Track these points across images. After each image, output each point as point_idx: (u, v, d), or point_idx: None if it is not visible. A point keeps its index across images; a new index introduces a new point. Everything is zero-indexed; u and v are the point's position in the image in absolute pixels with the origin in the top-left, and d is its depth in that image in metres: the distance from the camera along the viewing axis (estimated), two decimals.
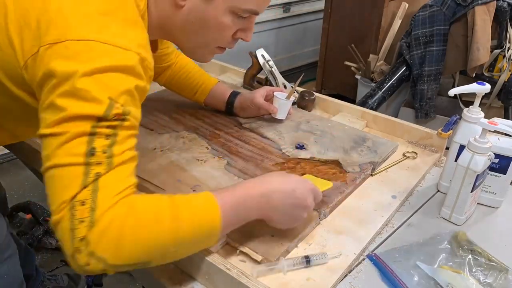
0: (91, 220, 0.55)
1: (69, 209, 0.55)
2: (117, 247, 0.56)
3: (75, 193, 0.56)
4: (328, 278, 0.70)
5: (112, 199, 0.57)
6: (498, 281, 0.72)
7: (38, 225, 1.75)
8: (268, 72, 1.29)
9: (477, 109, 0.89)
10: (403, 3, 2.46)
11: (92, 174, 0.57)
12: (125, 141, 0.61)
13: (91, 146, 0.57)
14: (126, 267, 0.58)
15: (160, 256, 0.61)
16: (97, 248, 0.55)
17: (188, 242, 0.62)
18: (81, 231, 0.55)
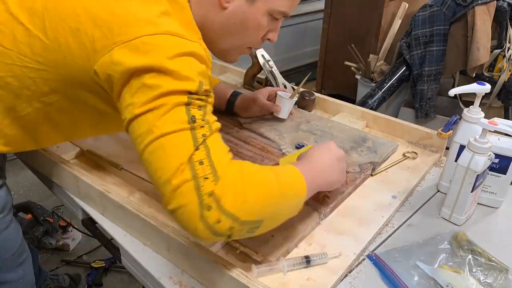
0: (215, 176, 0.57)
1: (189, 169, 0.57)
2: (243, 200, 0.58)
3: (190, 154, 0.58)
4: (328, 278, 0.70)
5: (225, 156, 0.62)
6: (498, 281, 0.72)
7: (38, 225, 1.75)
8: (268, 72, 1.29)
9: (477, 109, 0.89)
10: (403, 3, 2.46)
11: (200, 136, 0.60)
12: (212, 114, 0.65)
13: (191, 114, 0.61)
14: (248, 226, 0.60)
15: (271, 214, 0.63)
16: (226, 202, 0.57)
17: (289, 204, 0.67)
18: (208, 187, 0.57)
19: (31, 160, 1.01)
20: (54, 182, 0.97)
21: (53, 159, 0.91)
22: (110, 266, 1.70)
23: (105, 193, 0.82)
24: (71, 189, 0.92)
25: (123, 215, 0.80)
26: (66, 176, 0.90)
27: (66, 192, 0.94)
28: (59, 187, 0.96)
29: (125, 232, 0.82)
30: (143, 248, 0.78)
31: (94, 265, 1.68)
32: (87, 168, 0.96)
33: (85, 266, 1.71)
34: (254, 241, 0.74)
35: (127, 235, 0.81)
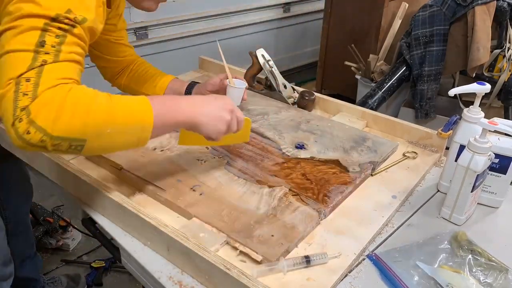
0: (33, 94, 0.62)
1: (14, 84, 0.62)
2: (56, 118, 0.62)
3: (22, 72, 0.62)
4: (328, 278, 0.70)
5: (55, 81, 0.64)
6: (498, 281, 0.72)
7: (38, 225, 1.75)
8: (268, 72, 1.29)
9: (477, 109, 0.89)
10: (403, 3, 2.46)
11: (39, 60, 0.63)
12: (73, 45, 0.68)
13: (42, 39, 0.64)
14: (63, 141, 0.64)
15: (95, 135, 0.66)
16: (37, 117, 0.61)
17: (122, 127, 0.69)
18: (24, 102, 0.61)
19: (31, 160, 1.01)
20: (54, 182, 0.97)
21: (53, 159, 0.91)
22: (110, 266, 1.70)
23: (105, 193, 0.82)
24: (71, 189, 0.92)
25: (123, 215, 0.80)
26: (66, 176, 0.90)
27: (66, 192, 0.94)
28: (59, 187, 0.95)
29: (125, 232, 0.82)
30: (143, 248, 0.78)
31: (94, 265, 1.68)
32: (87, 168, 0.96)
33: (85, 266, 1.71)
34: (254, 241, 0.74)
35: (127, 235, 0.81)
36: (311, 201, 0.85)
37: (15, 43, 0.64)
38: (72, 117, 0.63)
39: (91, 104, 0.65)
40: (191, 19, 2.49)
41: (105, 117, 0.67)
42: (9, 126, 0.62)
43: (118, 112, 0.68)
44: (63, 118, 0.63)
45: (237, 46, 2.77)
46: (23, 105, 0.61)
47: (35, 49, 0.64)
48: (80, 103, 0.64)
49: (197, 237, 0.75)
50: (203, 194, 0.86)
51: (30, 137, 0.62)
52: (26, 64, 0.63)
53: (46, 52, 0.64)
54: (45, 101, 0.62)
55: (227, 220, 0.79)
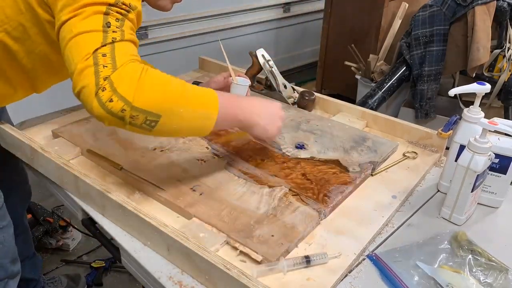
0: (113, 66, 0.67)
1: (92, 58, 0.67)
2: (137, 89, 0.67)
3: (96, 47, 0.68)
4: (328, 278, 0.70)
5: (129, 56, 0.70)
6: (498, 281, 0.72)
7: (38, 225, 1.75)
8: (268, 72, 1.29)
9: (477, 109, 0.89)
10: (403, 3, 2.46)
11: (109, 38, 0.69)
12: (129, 29, 0.74)
13: (107, 21, 0.71)
14: (141, 114, 0.68)
15: (169, 112, 0.71)
16: (119, 86, 0.66)
17: (192, 110, 0.74)
18: (105, 72, 0.66)
19: (31, 160, 1.01)
20: (54, 182, 0.97)
21: (53, 159, 0.91)
22: (110, 266, 1.70)
23: (105, 193, 0.82)
24: (71, 189, 0.92)
25: (123, 215, 0.80)
26: (66, 176, 0.90)
27: (66, 192, 0.94)
28: (59, 187, 0.96)
29: (125, 232, 0.82)
30: (143, 248, 0.78)
31: (94, 265, 1.68)
32: (87, 168, 0.96)
33: (85, 266, 1.71)
34: (254, 241, 0.74)
35: (127, 235, 0.81)
36: (311, 201, 0.85)
37: (83, 26, 0.69)
38: (152, 91, 0.68)
39: (168, 83, 0.71)
40: (191, 19, 2.49)
41: (179, 97, 0.72)
42: (92, 97, 0.67)
43: (191, 96, 0.74)
44: (144, 90, 0.67)
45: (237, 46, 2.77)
46: (106, 75, 0.66)
47: (103, 29, 0.70)
48: (159, 81, 0.70)
49: (197, 237, 0.75)
50: (203, 194, 0.86)
51: (112, 105, 0.66)
52: (99, 41, 0.68)
53: (114, 31, 0.70)
54: (126, 73, 0.67)
55: (227, 220, 0.79)
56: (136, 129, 0.71)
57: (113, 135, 1.05)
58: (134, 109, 0.67)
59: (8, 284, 1.01)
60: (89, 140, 1.03)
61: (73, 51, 0.69)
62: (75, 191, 0.91)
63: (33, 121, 1.15)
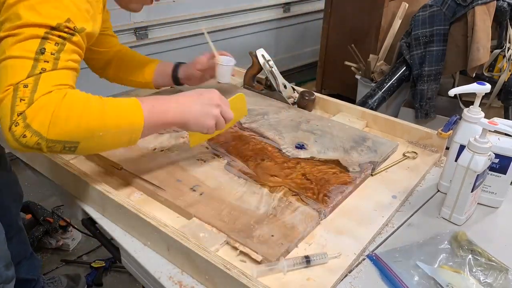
0: (30, 99, 0.66)
1: (13, 89, 0.66)
2: (51, 122, 0.67)
3: (21, 79, 0.66)
4: (328, 278, 0.70)
5: (51, 87, 0.68)
6: (498, 281, 0.72)
7: (38, 225, 1.75)
8: (268, 72, 1.29)
9: (477, 109, 0.89)
10: (403, 3, 2.46)
11: (38, 68, 0.67)
12: (71, 53, 0.72)
13: (42, 46, 0.68)
14: (58, 144, 0.68)
15: (88, 137, 0.70)
16: (32, 121, 0.66)
17: (114, 130, 0.73)
18: (21, 107, 0.66)
19: (31, 160, 1.01)
20: (54, 182, 0.97)
21: (53, 159, 0.91)
22: (110, 266, 1.70)
23: (105, 193, 0.82)
24: (71, 189, 0.92)
25: (123, 215, 0.80)
26: (66, 176, 0.90)
27: (66, 192, 0.94)
28: (59, 187, 0.95)
29: (125, 232, 0.82)
30: (143, 248, 0.78)
31: (94, 265, 1.68)
32: (87, 168, 0.96)
33: (85, 266, 1.71)
34: (254, 241, 0.74)
35: (127, 235, 0.81)
36: (311, 201, 0.85)
37: (16, 49, 0.67)
38: (66, 122, 0.68)
39: (84, 108, 0.69)
40: (191, 19, 2.49)
41: (98, 121, 0.70)
42: (6, 130, 0.66)
43: (110, 116, 0.72)
44: (57, 122, 0.67)
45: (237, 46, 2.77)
46: (20, 110, 0.65)
47: (35, 56, 0.67)
48: (74, 108, 0.68)
49: (197, 237, 0.75)
50: (203, 194, 0.86)
51: (26, 140, 0.66)
52: (26, 71, 0.67)
53: (46, 61, 0.68)
54: (41, 106, 0.66)
55: (227, 220, 0.79)
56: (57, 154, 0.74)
57: None
58: (49, 141, 0.67)
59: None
60: None
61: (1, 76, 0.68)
62: (75, 191, 0.91)
63: None
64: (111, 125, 0.72)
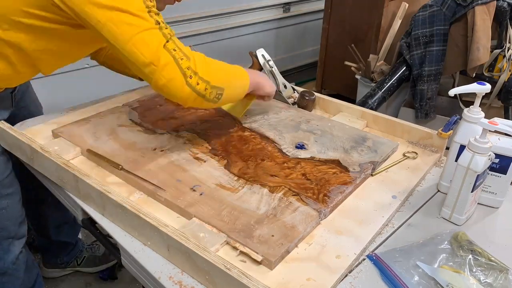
0: (187, 57, 0.85)
1: (168, 54, 0.83)
2: (209, 70, 0.88)
3: (164, 42, 0.84)
4: (328, 278, 0.70)
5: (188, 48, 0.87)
6: (498, 281, 0.72)
7: None
8: (268, 72, 1.29)
9: (477, 109, 0.89)
10: (403, 3, 2.45)
11: (166, 33, 0.85)
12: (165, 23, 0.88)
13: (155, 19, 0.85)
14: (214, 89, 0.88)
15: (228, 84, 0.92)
16: (199, 71, 0.85)
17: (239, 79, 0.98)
18: (185, 63, 0.84)
19: (31, 160, 1.01)
20: (54, 182, 0.97)
21: (53, 159, 0.91)
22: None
23: (105, 193, 0.82)
24: (71, 189, 0.92)
25: (123, 215, 0.80)
26: (66, 176, 0.90)
27: (66, 192, 0.93)
28: (59, 187, 0.95)
29: (125, 232, 0.82)
30: (143, 248, 0.78)
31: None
32: (87, 168, 0.96)
33: None
34: (254, 241, 0.74)
35: (127, 235, 0.81)
36: (311, 201, 0.85)
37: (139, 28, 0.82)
38: (217, 72, 0.90)
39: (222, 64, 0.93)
40: (191, 19, 2.49)
41: (231, 73, 0.95)
42: (182, 85, 0.84)
43: (235, 71, 0.97)
44: (212, 72, 0.88)
45: (237, 46, 2.77)
46: (187, 65, 0.84)
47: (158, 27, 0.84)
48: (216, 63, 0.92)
49: (197, 237, 0.75)
50: (203, 194, 0.86)
51: (199, 87, 0.86)
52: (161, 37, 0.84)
53: (166, 27, 0.85)
54: (198, 60, 0.86)
55: (227, 220, 0.79)
56: (209, 104, 0.90)
57: (113, 135, 1.05)
58: (212, 87, 0.87)
59: (13, 243, 1.10)
60: (89, 140, 1.02)
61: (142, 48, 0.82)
62: (75, 191, 0.91)
63: (33, 121, 1.15)
64: (237, 77, 0.97)
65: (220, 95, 0.90)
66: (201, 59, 0.87)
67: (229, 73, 0.94)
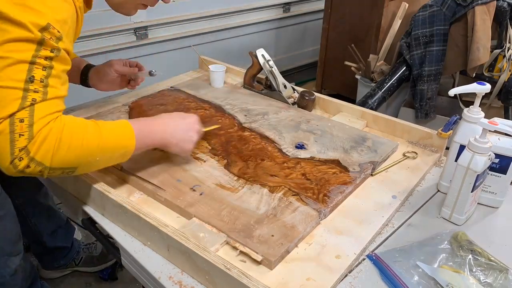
0: (30, 134, 0.66)
1: (8, 124, 0.65)
2: (54, 153, 0.69)
3: (14, 111, 0.65)
4: (328, 278, 0.70)
5: (47, 117, 0.68)
6: (498, 281, 0.72)
7: None
8: (268, 72, 1.29)
9: (477, 109, 0.89)
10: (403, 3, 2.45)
11: (29, 99, 0.67)
12: (59, 75, 0.72)
13: (31, 74, 0.67)
14: (58, 170, 0.71)
15: (86, 163, 0.74)
16: (36, 154, 0.67)
17: (109, 154, 0.77)
18: (22, 142, 0.66)
19: None
20: (54, 182, 0.97)
21: None
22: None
23: (105, 193, 0.82)
24: (71, 189, 0.92)
25: (123, 215, 0.80)
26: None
27: (66, 192, 0.93)
28: (59, 187, 0.95)
29: (125, 232, 0.82)
30: (143, 248, 0.78)
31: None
32: None
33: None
34: (254, 241, 0.74)
35: (127, 235, 0.81)
36: (311, 201, 0.85)
37: (3, 78, 0.66)
38: (68, 151, 0.70)
39: (83, 137, 0.72)
40: (191, 19, 2.49)
41: (96, 149, 0.74)
42: (6, 163, 0.67)
43: (107, 142, 0.76)
44: (59, 153, 0.69)
45: (237, 46, 2.77)
46: (22, 146, 0.66)
47: (24, 86, 0.66)
48: (74, 138, 0.71)
49: (197, 237, 0.75)
50: (203, 194, 0.86)
51: (30, 170, 0.68)
52: (17, 103, 0.66)
53: (35, 90, 0.67)
54: (42, 140, 0.67)
55: (227, 220, 0.79)
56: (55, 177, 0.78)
57: None
58: (51, 169, 0.70)
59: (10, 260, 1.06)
60: None
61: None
62: (75, 191, 0.91)
63: None
64: (108, 150, 0.76)
65: (71, 172, 0.73)
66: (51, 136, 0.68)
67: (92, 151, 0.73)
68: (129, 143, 0.79)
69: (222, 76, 1.37)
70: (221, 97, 1.28)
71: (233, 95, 1.30)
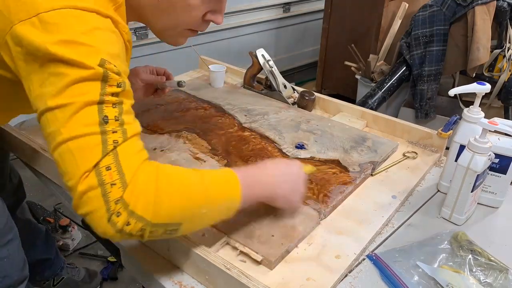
0: (122, 181, 0.56)
1: (95, 175, 0.55)
2: (156, 204, 0.57)
3: (98, 160, 0.56)
4: (328, 278, 0.70)
5: (136, 161, 0.58)
6: (498, 281, 0.72)
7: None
8: (268, 72, 1.29)
9: (477, 109, 0.89)
10: (403, 3, 2.46)
11: (110, 142, 0.57)
12: (129, 112, 0.62)
13: (103, 115, 0.58)
14: (160, 228, 0.59)
15: (191, 217, 0.62)
16: (136, 206, 0.56)
17: (216, 206, 0.65)
18: (116, 193, 0.55)
19: (31, 160, 1.01)
20: (54, 182, 0.97)
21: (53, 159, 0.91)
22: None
23: None
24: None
25: None
26: None
27: (66, 192, 0.93)
28: (59, 187, 0.95)
29: None
30: (143, 248, 0.78)
31: (111, 259, 1.69)
32: None
33: (101, 260, 1.71)
34: (254, 241, 0.74)
35: None
36: (311, 201, 0.85)
37: (74, 127, 0.57)
38: (171, 202, 0.59)
39: (187, 185, 0.62)
40: None
41: (202, 199, 0.63)
42: (103, 223, 0.56)
43: (213, 193, 0.65)
44: (163, 203, 0.58)
45: (237, 46, 2.77)
46: (116, 197, 0.56)
47: (100, 129, 0.57)
48: (177, 185, 0.61)
49: (197, 237, 0.75)
50: None
51: (130, 228, 0.57)
52: (98, 150, 0.56)
53: (113, 131, 0.58)
54: (140, 188, 0.57)
55: (227, 220, 0.79)
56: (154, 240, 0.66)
57: None
58: (153, 225, 0.58)
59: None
60: None
61: (68, 163, 0.57)
62: None
63: (33, 121, 1.15)
64: (214, 202, 0.65)
65: (174, 230, 0.62)
66: (148, 182, 0.58)
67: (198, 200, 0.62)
68: (235, 197, 0.67)
69: (222, 76, 1.37)
70: (221, 97, 1.28)
71: (233, 95, 1.30)
